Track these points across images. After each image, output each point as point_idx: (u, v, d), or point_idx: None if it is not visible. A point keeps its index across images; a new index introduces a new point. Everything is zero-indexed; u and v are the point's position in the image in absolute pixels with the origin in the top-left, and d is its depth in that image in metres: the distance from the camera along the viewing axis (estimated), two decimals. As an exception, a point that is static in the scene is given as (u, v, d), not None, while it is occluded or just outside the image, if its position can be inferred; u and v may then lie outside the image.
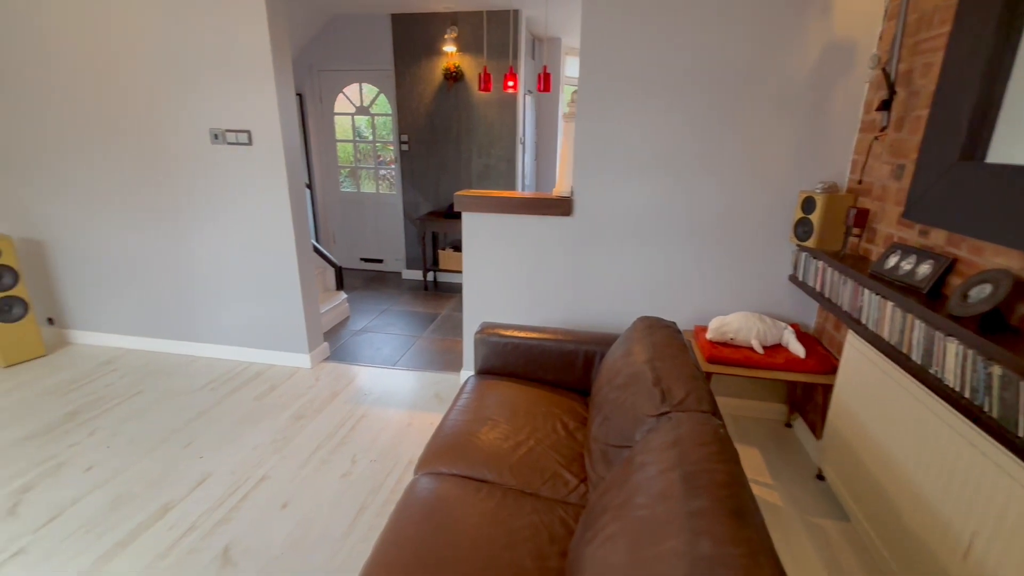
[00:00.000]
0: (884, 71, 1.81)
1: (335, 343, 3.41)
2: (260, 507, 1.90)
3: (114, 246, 3.04)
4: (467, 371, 2.82)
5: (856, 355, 1.80)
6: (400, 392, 2.77)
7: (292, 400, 2.66)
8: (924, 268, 1.56)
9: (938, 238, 1.59)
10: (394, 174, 4.93)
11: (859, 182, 2.06)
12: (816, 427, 2.22)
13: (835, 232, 2.06)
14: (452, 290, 4.65)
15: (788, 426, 2.47)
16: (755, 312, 2.32)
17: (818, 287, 2.07)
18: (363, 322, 3.83)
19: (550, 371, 2.04)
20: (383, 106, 4.75)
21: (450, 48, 4.20)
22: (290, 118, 2.69)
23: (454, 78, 4.28)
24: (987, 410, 1.21)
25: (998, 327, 1.26)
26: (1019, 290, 1.27)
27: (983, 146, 1.45)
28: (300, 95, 4.79)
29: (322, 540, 1.76)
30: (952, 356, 1.31)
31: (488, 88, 3.67)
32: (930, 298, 1.48)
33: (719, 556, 0.81)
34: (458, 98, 4.36)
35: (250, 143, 2.67)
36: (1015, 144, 1.36)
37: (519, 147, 4.43)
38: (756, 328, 2.15)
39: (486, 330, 2.11)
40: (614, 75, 2.21)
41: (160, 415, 2.50)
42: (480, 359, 2.11)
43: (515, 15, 4.01)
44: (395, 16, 4.28)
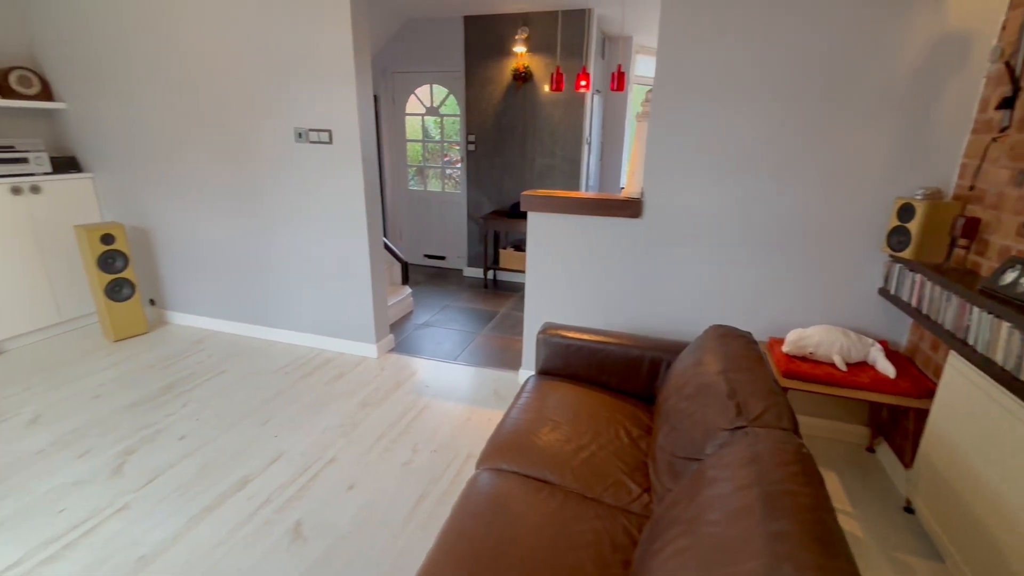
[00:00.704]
0: (1008, 65, 1.62)
1: (399, 335, 3.54)
2: (328, 487, 2.01)
3: (207, 236, 3.32)
4: (526, 370, 2.83)
5: (959, 379, 1.63)
6: (459, 387, 2.82)
7: (359, 388, 2.79)
8: (1049, 286, 1.38)
9: (1068, 253, 1.41)
10: (459, 173, 5.03)
11: (970, 188, 1.86)
12: (904, 454, 2.04)
13: (937, 243, 1.88)
14: (511, 289, 4.68)
15: (870, 451, 2.29)
16: (838, 326, 2.16)
17: (914, 302, 1.90)
18: (426, 316, 3.93)
19: (613, 376, 2.01)
20: (452, 107, 4.86)
21: (520, 48, 4.23)
22: (367, 119, 2.81)
23: (522, 78, 4.30)
24: None
25: None
26: None
27: None
28: (375, 96, 5.00)
29: (384, 524, 1.83)
30: (1084, 387, 1.16)
31: (560, 88, 3.65)
32: (1056, 320, 1.32)
33: (805, 584, 0.76)
34: (525, 98, 4.38)
35: (330, 142, 2.82)
36: None
37: (584, 147, 4.39)
38: (839, 343, 2.00)
39: (549, 330, 2.10)
40: (692, 73, 2.14)
41: (241, 393, 2.69)
42: (541, 359, 2.11)
43: (588, 14, 3.97)
44: (467, 18, 4.36)
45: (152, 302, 3.69)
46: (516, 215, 4.45)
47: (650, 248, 2.40)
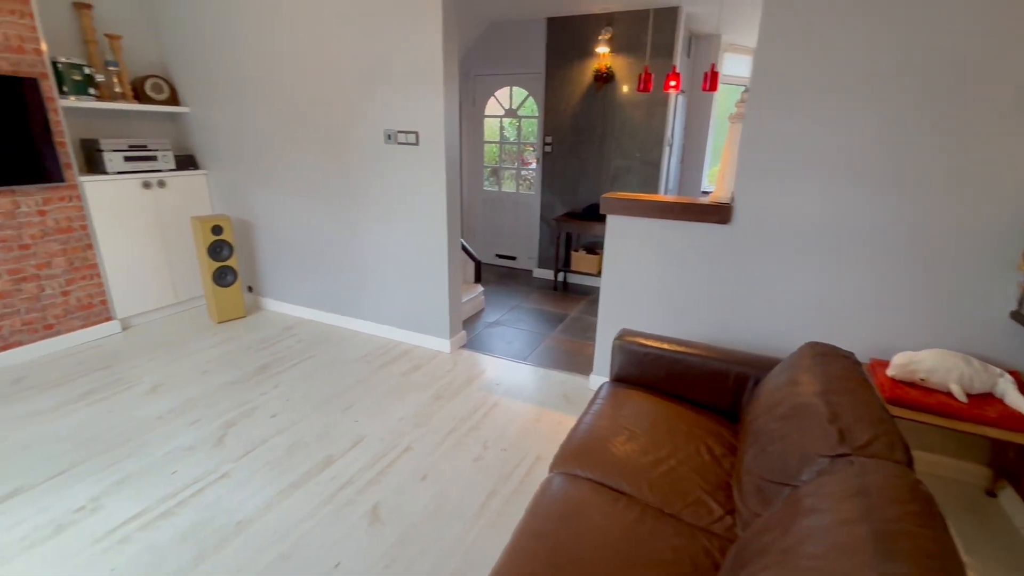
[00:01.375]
0: None
1: (471, 332, 3.61)
2: (403, 475, 2.09)
3: (301, 230, 3.57)
4: (598, 376, 2.79)
5: (1115, 423, 1.40)
6: (529, 387, 2.84)
7: (433, 381, 2.88)
8: None
9: None
10: (534, 175, 5.05)
11: None
12: (1035, 503, 1.79)
13: (1091, 263, 1.63)
14: (582, 292, 4.63)
15: (990, 494, 2.03)
16: (957, 351, 1.93)
17: (1057, 330, 1.65)
18: (496, 315, 3.99)
19: (693, 389, 1.93)
20: (530, 108, 4.89)
21: (603, 49, 4.17)
22: (452, 121, 2.90)
23: (603, 79, 4.24)
24: None
25: None
26: None
27: None
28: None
29: (455, 516, 1.87)
30: None
31: (648, 88, 3.55)
32: None
33: (931, 639, 0.68)
34: (605, 99, 4.32)
35: (417, 143, 2.94)
36: None
37: (665, 149, 4.25)
38: (959, 370, 1.79)
39: (626, 337, 2.06)
40: (795, 70, 2.00)
41: (326, 378, 2.87)
42: (617, 366, 2.07)
43: (677, 12, 3.84)
44: (551, 19, 4.37)
45: (250, 289, 4.03)
46: (590, 217, 4.40)
47: (738, 256, 2.27)
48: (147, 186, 3.44)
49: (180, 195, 3.66)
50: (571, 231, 4.52)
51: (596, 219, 4.38)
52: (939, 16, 1.78)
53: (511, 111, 5.01)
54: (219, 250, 3.52)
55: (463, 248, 4.05)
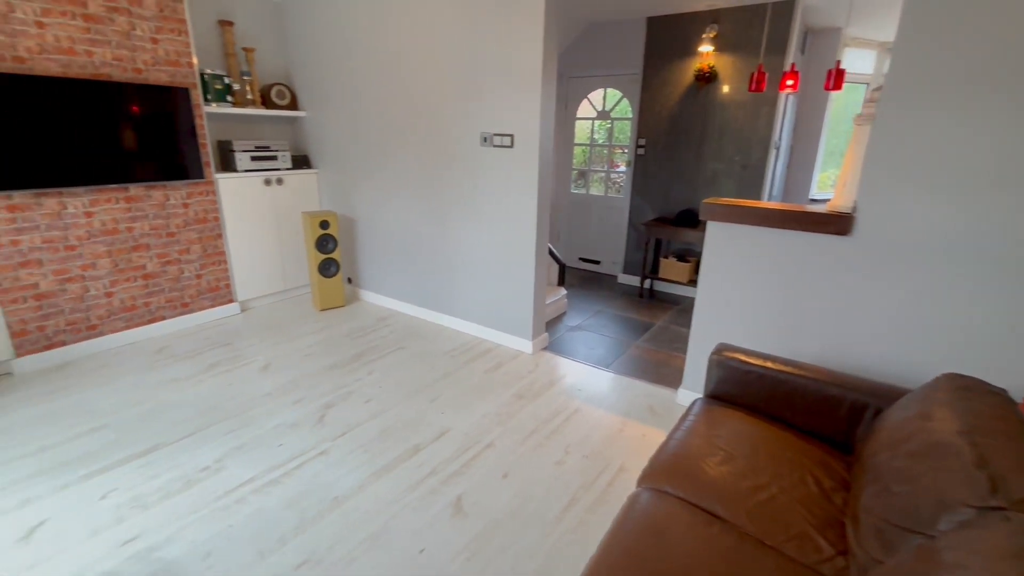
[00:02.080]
0: None
1: (553, 335, 3.60)
2: (486, 470, 2.13)
3: (398, 227, 3.77)
4: (688, 390, 2.66)
5: None
6: (612, 396, 2.77)
7: (514, 380, 2.91)
8: None
9: None
10: (623, 178, 4.94)
11: None
12: None
13: None
14: (670, 300, 4.45)
15: None
16: None
17: None
18: (578, 319, 3.95)
19: (800, 414, 1.77)
20: (624, 110, 4.78)
21: (706, 48, 3.98)
22: (548, 124, 2.91)
23: (705, 79, 4.05)
24: None
25: None
26: None
27: None
28: (548, 101, 5.15)
29: (536, 518, 1.87)
30: None
31: (761, 88, 3.32)
32: None
33: None
34: (706, 100, 4.12)
35: (511, 146, 2.98)
36: None
37: (772, 152, 3.96)
38: None
39: (724, 352, 1.94)
40: (940, 64, 1.77)
41: (415, 369, 3.01)
42: (713, 382, 1.96)
43: (792, 6, 3.57)
44: (651, 19, 4.25)
45: (349, 280, 4.32)
46: (683, 223, 4.21)
47: (860, 272, 2.05)
48: (268, 183, 3.81)
49: (294, 192, 4.02)
50: (661, 237, 4.36)
51: (689, 225, 4.19)
52: None
53: (604, 113, 4.94)
54: (325, 243, 3.81)
55: (548, 250, 4.05)
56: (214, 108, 3.44)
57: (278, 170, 3.87)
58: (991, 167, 1.75)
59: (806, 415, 1.76)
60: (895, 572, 1.03)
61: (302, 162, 4.13)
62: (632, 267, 4.90)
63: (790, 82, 3.27)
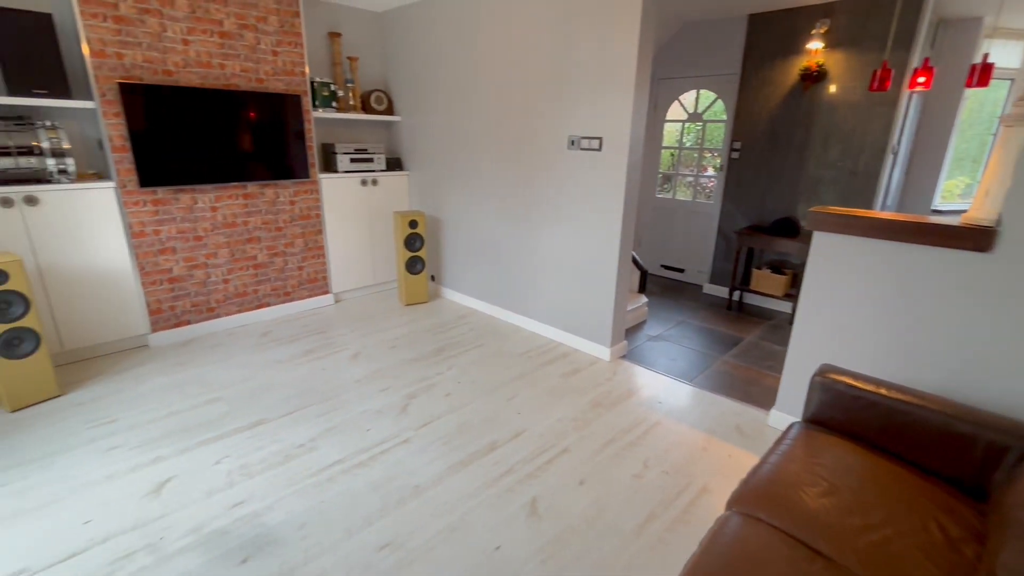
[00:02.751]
0: None
1: (631, 343, 3.51)
2: (561, 475, 2.11)
3: (481, 227, 3.86)
4: (782, 412, 2.47)
5: None
6: (695, 411, 2.64)
7: (591, 387, 2.86)
8: None
9: None
10: (713, 183, 4.70)
11: None
12: None
13: None
14: (761, 315, 4.17)
15: None
16: None
17: None
18: (659, 329, 3.81)
19: (920, 449, 1.58)
20: (717, 112, 4.56)
21: (815, 45, 3.69)
22: (639, 127, 2.84)
23: (812, 78, 3.75)
24: None
25: None
26: None
27: None
28: (636, 103, 5.03)
29: (612, 530, 1.83)
30: None
31: (885, 87, 2.98)
32: None
33: None
34: (811, 101, 3.81)
35: (599, 149, 2.94)
36: None
37: (888, 158, 3.58)
38: None
39: (829, 374, 1.78)
40: None
41: (493, 367, 3.06)
42: (814, 406, 1.80)
43: (922, -6, 3.21)
44: (752, 16, 4.01)
45: (433, 278, 4.49)
46: (779, 232, 3.94)
47: (1000, 294, 1.80)
48: (364, 183, 4.06)
49: (387, 192, 4.25)
50: (754, 246, 4.10)
51: (786, 234, 3.90)
52: None
53: (695, 115, 4.73)
54: (413, 241, 3.99)
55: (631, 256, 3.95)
56: (320, 113, 3.73)
57: (373, 171, 4.11)
58: None
59: (928, 452, 1.57)
60: (1049, 646, 0.89)
61: (395, 164, 4.36)
62: (720, 277, 4.65)
63: (922, 79, 2.92)
